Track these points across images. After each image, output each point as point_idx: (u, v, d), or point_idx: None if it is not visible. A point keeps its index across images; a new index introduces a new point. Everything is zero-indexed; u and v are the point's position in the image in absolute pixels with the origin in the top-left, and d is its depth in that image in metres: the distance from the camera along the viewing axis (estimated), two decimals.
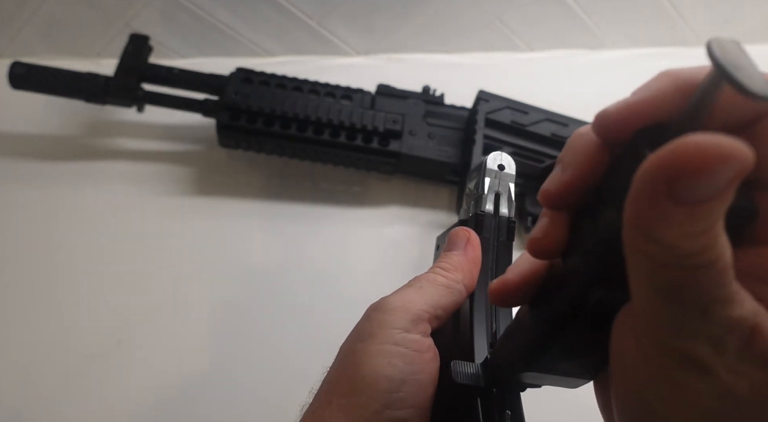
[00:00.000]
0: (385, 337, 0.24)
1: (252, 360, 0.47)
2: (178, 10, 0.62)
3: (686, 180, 0.12)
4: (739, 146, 0.11)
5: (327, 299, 0.51)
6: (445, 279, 0.27)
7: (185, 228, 0.53)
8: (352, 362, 0.24)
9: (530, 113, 0.55)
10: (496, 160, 0.32)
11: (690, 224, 0.12)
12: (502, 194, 0.31)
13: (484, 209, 0.30)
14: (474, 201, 0.32)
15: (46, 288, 0.49)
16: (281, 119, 0.52)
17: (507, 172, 0.32)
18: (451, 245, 0.29)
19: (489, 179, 0.31)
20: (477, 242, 0.29)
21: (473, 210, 0.31)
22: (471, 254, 0.29)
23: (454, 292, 0.27)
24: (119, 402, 0.44)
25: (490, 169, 0.31)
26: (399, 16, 0.67)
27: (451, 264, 0.28)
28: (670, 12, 0.71)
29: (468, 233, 0.29)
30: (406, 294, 0.26)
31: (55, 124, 0.59)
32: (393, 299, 0.26)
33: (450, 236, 0.30)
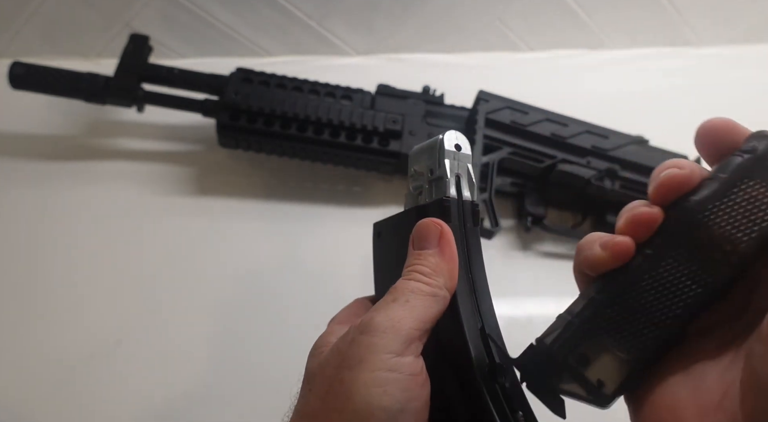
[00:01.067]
0: (377, 363, 0.22)
1: (251, 359, 0.47)
2: (178, 10, 0.62)
3: None
4: None
5: (327, 298, 0.51)
6: (428, 287, 0.25)
7: (185, 228, 0.53)
8: (340, 393, 0.22)
9: (530, 113, 0.55)
10: (452, 140, 0.29)
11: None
12: (461, 176, 0.29)
13: (449, 194, 0.28)
14: (431, 186, 0.29)
15: (46, 288, 0.49)
16: (281, 119, 0.52)
17: (464, 152, 0.29)
18: (422, 241, 0.26)
19: (449, 161, 0.28)
20: (450, 235, 0.26)
21: (432, 196, 0.29)
22: (447, 251, 0.26)
23: (439, 300, 0.25)
24: (119, 402, 0.44)
25: (449, 150, 0.29)
26: (399, 16, 0.67)
27: (430, 267, 0.25)
28: (670, 12, 0.71)
29: (439, 225, 0.26)
30: (392, 312, 0.24)
31: (55, 124, 0.59)
32: (380, 319, 0.23)
33: (418, 230, 0.27)
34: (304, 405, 0.24)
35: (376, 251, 0.32)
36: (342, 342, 0.24)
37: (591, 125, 0.56)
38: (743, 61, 0.74)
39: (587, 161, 0.54)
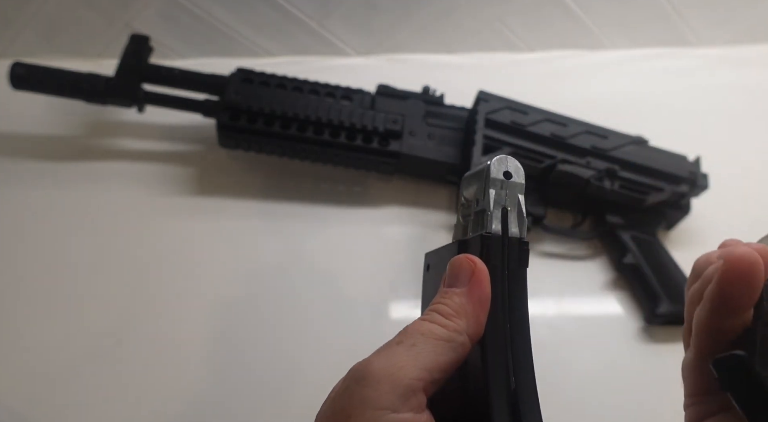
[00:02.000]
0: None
1: (251, 359, 0.47)
2: (178, 11, 0.62)
3: None
4: None
5: (327, 298, 0.51)
6: (444, 330, 0.22)
7: (185, 228, 0.53)
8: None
9: (530, 113, 0.55)
10: (501, 166, 0.25)
11: None
12: (510, 209, 0.25)
13: (491, 230, 0.24)
14: (476, 218, 0.26)
15: (46, 288, 0.49)
16: (281, 119, 0.52)
17: (515, 181, 0.25)
18: (452, 279, 0.23)
19: (494, 190, 0.25)
20: (484, 275, 0.23)
21: (475, 230, 0.25)
22: (477, 292, 0.23)
23: (455, 346, 0.21)
24: (119, 402, 0.44)
25: (495, 178, 0.25)
26: (399, 16, 0.67)
27: (452, 308, 0.22)
28: (670, 12, 0.71)
29: (473, 263, 0.23)
30: (394, 357, 0.21)
31: (56, 124, 0.59)
32: (378, 366, 0.20)
33: (450, 268, 0.24)
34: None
35: (424, 284, 0.29)
36: (339, 387, 0.21)
37: (590, 125, 0.56)
38: (743, 61, 0.74)
39: (587, 162, 0.54)
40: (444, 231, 0.56)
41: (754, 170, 0.64)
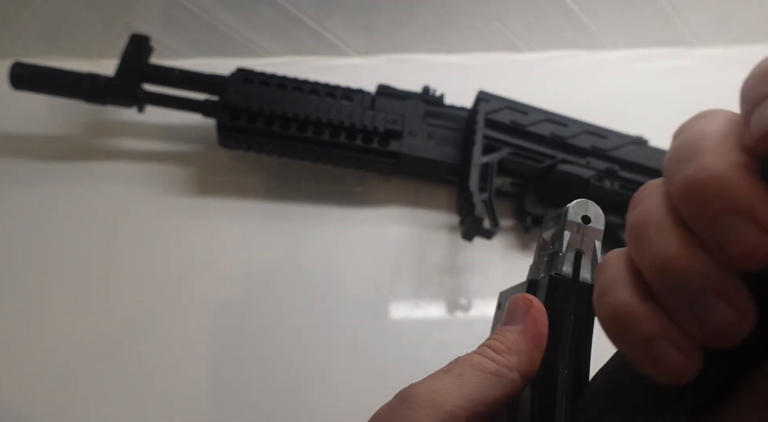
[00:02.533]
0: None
1: (251, 359, 0.47)
2: (178, 11, 0.62)
3: None
4: None
5: (326, 298, 0.51)
6: (493, 364, 0.22)
7: (185, 228, 0.53)
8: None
9: (530, 113, 0.55)
10: (579, 210, 0.25)
11: None
12: (585, 253, 0.24)
13: (561, 271, 0.24)
14: (549, 260, 0.25)
15: (46, 288, 0.49)
16: (281, 119, 0.52)
17: (593, 226, 0.25)
18: (508, 317, 0.23)
19: (569, 233, 0.25)
20: (540, 314, 0.23)
21: (547, 271, 0.25)
22: (531, 331, 0.22)
23: (504, 382, 0.21)
24: (119, 402, 0.44)
25: (572, 221, 0.25)
26: (399, 16, 0.67)
27: (504, 344, 0.22)
28: (670, 12, 0.71)
29: (529, 301, 0.23)
30: (439, 383, 0.21)
31: (56, 124, 0.59)
32: (422, 390, 0.21)
33: (509, 305, 0.24)
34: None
35: (494, 322, 0.29)
36: (383, 408, 0.22)
37: (590, 125, 0.56)
38: (743, 61, 0.74)
39: (587, 162, 0.54)
40: (444, 231, 0.56)
41: None
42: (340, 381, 0.47)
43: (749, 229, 0.13)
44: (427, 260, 0.54)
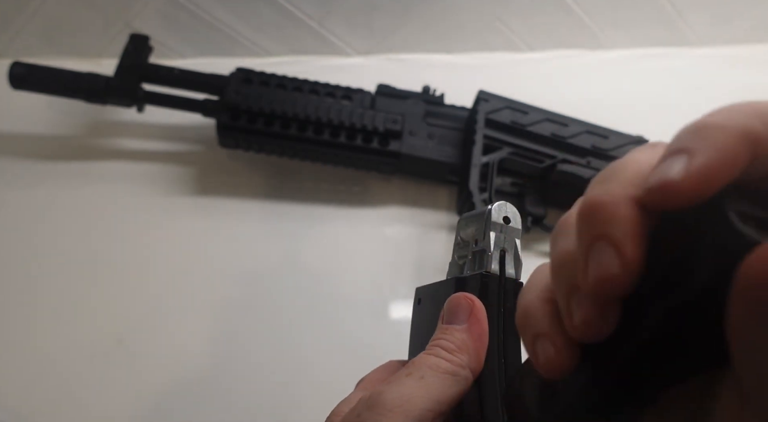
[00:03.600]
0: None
1: (251, 359, 0.47)
2: (178, 10, 0.62)
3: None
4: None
5: (326, 298, 0.51)
6: (448, 364, 0.23)
7: (185, 228, 0.53)
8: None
9: (530, 113, 0.55)
10: (501, 212, 0.27)
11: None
12: (507, 251, 0.27)
13: (490, 269, 0.26)
14: (473, 258, 0.27)
15: (46, 288, 0.49)
16: (281, 119, 0.52)
17: (513, 226, 0.27)
18: (451, 316, 0.25)
19: (494, 233, 0.27)
20: (482, 313, 0.24)
21: (473, 269, 0.27)
22: (476, 329, 0.24)
23: (459, 380, 0.22)
24: (119, 402, 0.44)
25: (496, 222, 0.27)
26: (399, 16, 0.67)
27: (454, 344, 0.23)
28: (670, 12, 0.71)
29: (471, 301, 0.25)
30: (405, 388, 0.22)
31: (55, 124, 0.59)
32: (390, 396, 0.21)
33: (449, 305, 0.25)
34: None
35: (415, 316, 0.30)
36: (349, 415, 0.22)
37: (591, 125, 0.56)
38: (743, 61, 0.74)
39: (587, 161, 0.54)
40: (444, 231, 0.56)
41: None
42: (340, 380, 0.47)
43: (614, 259, 0.14)
44: (427, 260, 0.54)
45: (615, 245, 0.15)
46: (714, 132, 0.14)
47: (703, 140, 0.14)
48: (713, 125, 0.14)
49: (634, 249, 0.14)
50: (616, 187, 0.15)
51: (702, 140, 0.14)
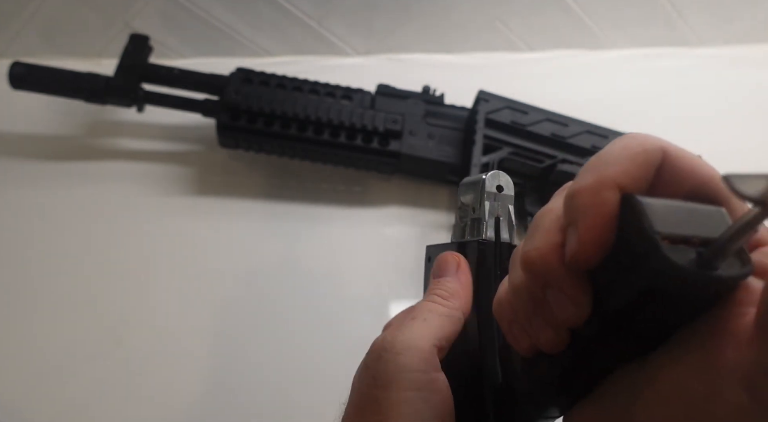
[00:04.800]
0: (405, 383, 0.23)
1: (251, 359, 0.47)
2: (178, 10, 0.62)
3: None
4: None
5: (326, 298, 0.51)
6: (445, 309, 0.27)
7: (185, 228, 0.53)
8: (375, 412, 0.23)
9: (530, 112, 0.55)
10: (494, 181, 0.30)
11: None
12: (502, 218, 0.29)
13: (486, 237, 0.29)
14: (472, 224, 0.30)
15: (46, 288, 0.49)
16: (281, 119, 0.52)
17: (506, 193, 0.30)
18: (441, 271, 0.29)
19: (489, 202, 0.29)
20: (466, 266, 0.29)
21: (472, 234, 0.30)
22: (464, 279, 0.29)
23: (454, 321, 0.27)
24: (119, 402, 0.44)
25: (490, 191, 0.30)
26: (399, 16, 0.67)
27: (448, 291, 0.28)
28: (670, 12, 0.71)
29: (457, 257, 0.29)
30: (414, 330, 0.25)
31: (55, 124, 0.59)
32: (403, 338, 0.25)
33: (438, 262, 0.30)
34: (345, 416, 0.25)
35: (427, 273, 0.33)
36: (369, 358, 0.26)
37: (591, 125, 0.56)
38: (744, 60, 0.74)
39: None
40: (444, 231, 0.56)
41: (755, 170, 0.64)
42: (340, 380, 0.47)
43: (565, 302, 0.17)
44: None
45: (560, 289, 0.17)
46: (582, 199, 0.17)
47: (576, 211, 0.17)
48: (581, 190, 0.17)
49: (578, 295, 0.17)
50: (539, 240, 0.18)
51: (576, 212, 0.17)
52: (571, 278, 0.17)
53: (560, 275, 0.17)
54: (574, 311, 0.17)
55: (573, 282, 0.17)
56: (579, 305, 0.17)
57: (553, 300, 0.18)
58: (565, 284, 0.17)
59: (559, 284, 0.17)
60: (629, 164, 0.17)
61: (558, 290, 0.17)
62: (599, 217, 0.16)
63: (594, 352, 0.18)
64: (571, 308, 0.17)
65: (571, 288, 0.17)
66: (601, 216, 0.16)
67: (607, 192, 0.16)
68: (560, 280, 0.17)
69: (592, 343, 0.17)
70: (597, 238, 0.16)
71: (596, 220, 0.16)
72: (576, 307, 0.17)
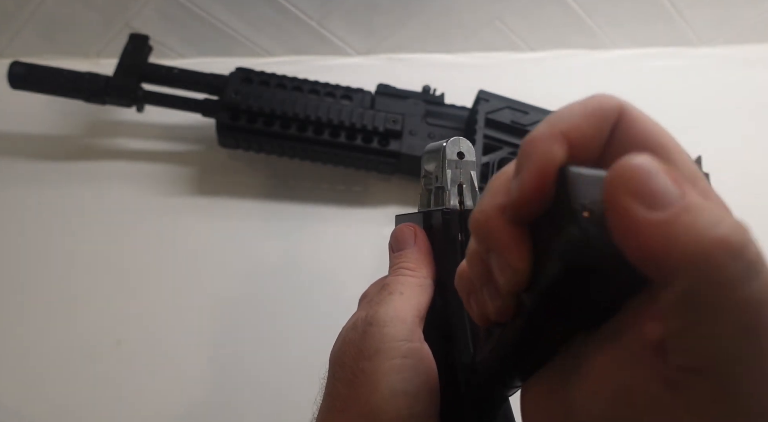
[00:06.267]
0: (392, 352, 0.24)
1: (251, 359, 0.47)
2: (178, 10, 0.62)
3: None
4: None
5: (327, 298, 0.51)
6: (416, 279, 0.28)
7: (185, 228, 0.53)
8: (364, 383, 0.24)
9: (530, 112, 0.55)
10: (454, 148, 0.30)
11: None
12: (464, 184, 0.29)
13: (450, 205, 0.29)
14: (436, 192, 0.30)
15: (46, 288, 0.49)
16: (281, 119, 0.52)
17: (467, 159, 0.30)
18: (400, 243, 0.30)
19: (450, 170, 0.29)
20: (423, 234, 0.30)
21: (437, 203, 0.30)
22: (423, 247, 0.30)
23: (426, 289, 0.28)
24: (119, 402, 0.44)
25: (450, 159, 0.29)
26: (399, 16, 0.67)
27: (413, 262, 0.29)
28: (670, 12, 0.71)
29: (413, 228, 0.30)
30: (393, 303, 0.26)
31: (55, 124, 0.59)
32: (386, 311, 0.26)
33: (395, 236, 0.31)
34: (332, 390, 0.26)
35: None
36: (353, 333, 0.26)
37: None
38: (745, 60, 0.74)
39: None
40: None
41: (755, 170, 0.64)
42: None
43: (505, 266, 0.17)
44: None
45: (501, 253, 0.17)
46: (530, 147, 0.16)
47: (522, 158, 0.17)
48: (530, 139, 0.17)
49: (516, 259, 0.17)
50: (486, 202, 0.18)
51: (522, 159, 0.17)
52: (510, 240, 0.17)
53: (500, 237, 0.17)
54: (511, 275, 0.17)
55: (512, 244, 0.17)
56: (516, 270, 0.17)
57: (495, 263, 0.18)
58: (504, 246, 0.17)
59: (499, 246, 0.17)
60: (581, 120, 0.17)
61: (498, 253, 0.17)
62: (542, 164, 0.16)
63: (537, 322, 0.18)
64: (509, 271, 0.17)
65: (509, 251, 0.17)
66: (543, 164, 0.16)
67: (554, 144, 0.16)
68: (500, 242, 0.17)
69: (535, 313, 0.17)
70: (536, 185, 0.16)
71: (539, 167, 0.16)
72: (513, 271, 0.17)
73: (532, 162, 0.16)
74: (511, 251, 0.17)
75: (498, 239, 0.17)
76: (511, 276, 0.17)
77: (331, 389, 0.26)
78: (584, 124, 0.17)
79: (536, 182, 0.16)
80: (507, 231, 0.17)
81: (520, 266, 0.17)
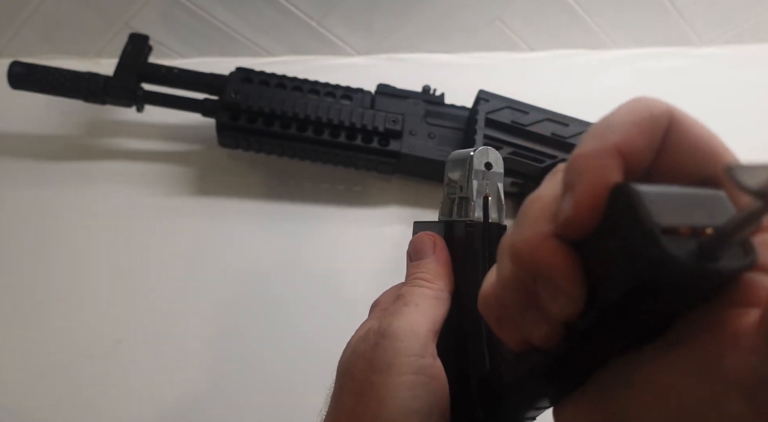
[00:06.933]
0: (404, 367, 0.23)
1: (251, 359, 0.47)
2: (177, 10, 0.62)
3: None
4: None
5: (327, 298, 0.51)
6: (432, 291, 0.27)
7: (185, 228, 0.53)
8: (374, 397, 0.23)
9: (530, 112, 0.55)
10: (482, 158, 0.28)
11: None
12: (491, 196, 0.28)
13: (474, 218, 0.27)
14: (460, 202, 0.29)
15: (46, 288, 0.49)
16: (281, 119, 0.52)
17: (495, 170, 0.28)
18: (419, 252, 0.29)
19: (476, 181, 0.28)
20: (442, 243, 0.29)
21: (460, 213, 0.29)
22: (442, 258, 0.28)
23: (442, 302, 0.27)
24: (119, 402, 0.44)
25: (477, 169, 0.28)
26: (399, 15, 0.66)
27: (431, 273, 0.28)
28: (671, 12, 0.71)
29: (432, 237, 0.29)
30: (408, 316, 0.25)
31: (55, 124, 0.59)
32: (399, 323, 0.25)
33: (414, 244, 0.30)
34: (338, 403, 0.25)
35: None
36: (364, 344, 0.26)
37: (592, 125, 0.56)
38: (746, 60, 0.74)
39: None
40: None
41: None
42: None
43: (558, 295, 0.16)
44: None
45: (550, 280, 0.16)
46: (582, 164, 0.16)
47: (574, 174, 0.16)
48: (581, 156, 0.16)
49: (572, 287, 0.16)
50: (528, 229, 0.17)
51: (574, 175, 0.16)
52: (564, 268, 0.16)
53: (552, 267, 0.16)
54: (567, 305, 0.16)
55: (567, 273, 0.16)
56: (573, 299, 0.16)
57: (545, 293, 0.16)
58: (558, 276, 0.16)
59: (551, 276, 0.16)
60: (635, 131, 0.16)
61: (550, 283, 0.16)
62: (598, 181, 0.15)
63: (588, 345, 0.17)
64: (565, 301, 0.16)
65: (565, 280, 0.16)
66: (600, 181, 0.15)
67: (609, 159, 0.15)
68: (552, 272, 0.16)
69: (587, 336, 0.16)
70: (593, 203, 0.15)
71: (595, 184, 0.15)
72: (570, 300, 0.16)
73: (586, 180, 0.15)
74: (567, 279, 0.16)
75: (549, 268, 0.16)
76: (565, 305, 0.16)
77: (337, 400, 0.25)
78: (638, 136, 0.16)
79: (592, 201, 0.15)
80: (559, 259, 0.16)
81: (576, 293, 0.16)
